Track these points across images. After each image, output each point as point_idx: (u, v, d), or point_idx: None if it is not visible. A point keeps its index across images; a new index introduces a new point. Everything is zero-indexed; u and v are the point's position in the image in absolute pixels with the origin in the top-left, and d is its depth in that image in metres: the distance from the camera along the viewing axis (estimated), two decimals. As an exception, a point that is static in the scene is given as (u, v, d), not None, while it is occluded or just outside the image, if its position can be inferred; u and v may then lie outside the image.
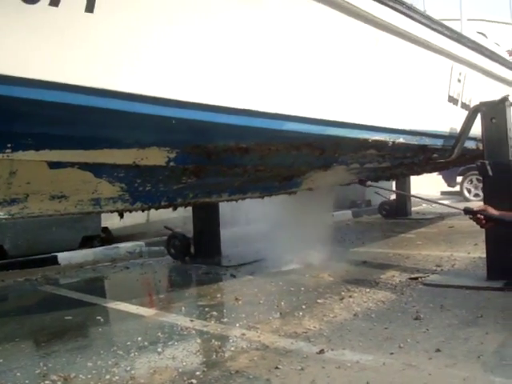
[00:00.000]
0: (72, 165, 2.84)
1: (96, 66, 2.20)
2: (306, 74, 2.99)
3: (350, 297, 4.26)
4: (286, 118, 2.87)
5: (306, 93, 3.01)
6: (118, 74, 2.27)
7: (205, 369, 2.95)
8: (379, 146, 3.77)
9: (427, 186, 15.75)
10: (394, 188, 10.57)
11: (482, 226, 3.53)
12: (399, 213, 10.01)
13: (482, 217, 3.46)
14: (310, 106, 3.03)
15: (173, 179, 3.43)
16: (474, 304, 3.87)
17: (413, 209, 10.56)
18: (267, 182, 4.26)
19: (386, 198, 10.64)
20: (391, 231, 8.34)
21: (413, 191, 11.21)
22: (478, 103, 4.68)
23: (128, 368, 3.01)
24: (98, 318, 4.11)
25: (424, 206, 12.17)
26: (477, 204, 3.79)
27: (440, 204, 4.21)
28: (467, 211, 3.58)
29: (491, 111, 4.50)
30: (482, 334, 3.22)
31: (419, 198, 4.58)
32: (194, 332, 3.63)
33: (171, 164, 3.09)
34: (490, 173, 4.37)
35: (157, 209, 3.98)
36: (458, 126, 4.72)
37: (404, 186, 9.99)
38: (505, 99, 4.47)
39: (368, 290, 4.46)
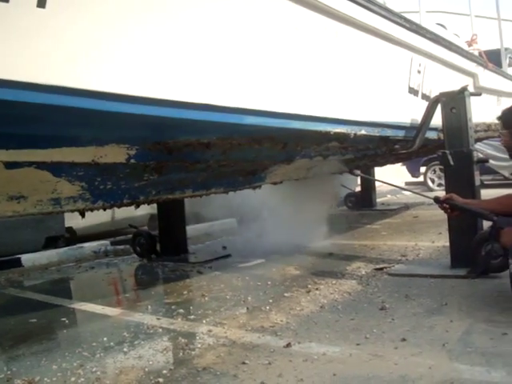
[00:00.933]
0: (29, 164, 2.78)
1: (50, 62, 2.14)
2: (266, 67, 2.97)
3: (317, 289, 4.28)
4: (247, 112, 2.85)
5: (266, 86, 2.99)
6: (74, 70, 2.22)
7: (171, 367, 2.94)
8: (341, 138, 3.78)
9: (392, 177, 15.95)
10: (358, 181, 10.68)
11: (448, 215, 3.59)
12: (364, 204, 10.08)
13: (448, 205, 3.51)
14: (270, 99, 3.01)
15: (134, 176, 3.39)
16: (438, 292, 3.92)
17: (378, 200, 10.66)
18: (231, 177, 4.24)
19: (351, 190, 10.72)
20: (357, 222, 8.40)
21: (378, 182, 11.32)
22: (438, 94, 4.73)
23: (94, 369, 2.97)
24: (63, 319, 4.06)
25: (389, 197, 12.31)
26: (441, 194, 3.83)
27: (416, 193, 4.29)
28: (437, 200, 3.65)
29: (451, 101, 4.55)
30: (447, 322, 3.26)
31: (399, 187, 4.63)
32: (160, 330, 3.60)
33: (132, 161, 3.05)
34: (451, 162, 4.43)
35: (119, 207, 3.93)
36: (418, 117, 4.77)
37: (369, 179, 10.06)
38: (464, 89, 4.53)
39: (334, 281, 4.49)
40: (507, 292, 3.71)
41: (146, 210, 7.49)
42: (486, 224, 3.97)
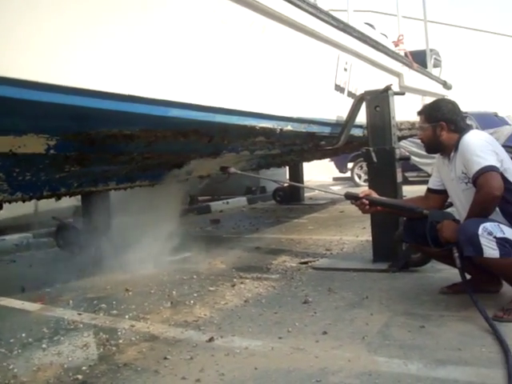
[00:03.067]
0: None
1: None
2: (191, 60, 2.94)
3: (242, 283, 4.29)
4: (172, 105, 2.81)
5: (191, 79, 2.96)
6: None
7: (91, 363, 2.87)
8: (267, 133, 3.80)
9: (320, 173, 16.25)
10: (287, 176, 10.78)
11: (364, 211, 3.65)
12: (293, 198, 10.19)
13: (367, 202, 3.57)
14: (196, 92, 2.99)
15: (55, 168, 3.29)
16: (360, 286, 4.01)
17: (306, 194, 10.79)
18: (156, 169, 4.19)
19: (280, 185, 10.82)
20: (285, 217, 8.47)
21: (306, 177, 11.49)
22: (363, 92, 4.83)
23: (10, 367, 2.87)
24: (-21, 315, 3.90)
25: (317, 192, 12.47)
26: (366, 189, 3.89)
27: (320, 190, 4.32)
28: (349, 196, 3.69)
29: (375, 100, 4.65)
30: (367, 315, 3.34)
31: (294, 184, 4.67)
32: (81, 326, 3.52)
33: (51, 152, 2.95)
34: (375, 159, 4.53)
35: (39, 199, 3.82)
36: (344, 114, 4.85)
37: (297, 173, 10.20)
38: (388, 88, 4.63)
39: (259, 275, 4.51)
40: (426, 285, 3.86)
41: (72, 201, 7.29)
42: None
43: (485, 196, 3.06)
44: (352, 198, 3.67)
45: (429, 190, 3.69)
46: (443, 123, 3.41)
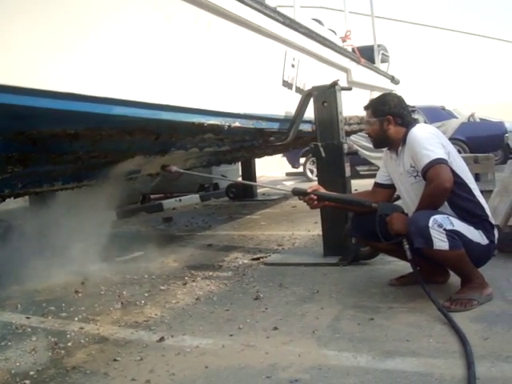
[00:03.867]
0: None
1: None
2: (136, 58, 2.89)
3: (193, 281, 4.27)
4: (116, 102, 2.76)
5: (136, 76, 2.91)
6: None
7: (39, 368, 2.81)
8: (216, 129, 3.78)
9: (273, 168, 16.32)
10: (240, 171, 10.78)
11: (312, 206, 3.66)
12: (246, 195, 10.20)
13: (316, 197, 3.59)
14: (141, 89, 2.94)
15: (-3, 169, 3.20)
16: (311, 280, 4.04)
17: (259, 190, 10.82)
18: (103, 168, 4.12)
19: (232, 181, 10.82)
20: (237, 213, 8.47)
21: (259, 173, 11.52)
22: (311, 87, 4.86)
23: (-44, 375, 2.79)
24: None
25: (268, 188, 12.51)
26: (314, 184, 3.91)
27: (267, 187, 4.33)
28: (296, 192, 3.70)
29: (323, 95, 4.68)
30: (318, 309, 3.37)
31: (241, 182, 4.65)
32: (29, 330, 3.43)
33: (-9, 152, 2.88)
34: (323, 154, 4.56)
35: (-19, 201, 3.70)
36: (293, 110, 4.86)
37: (249, 169, 10.20)
38: (335, 84, 4.67)
39: (211, 273, 4.50)
40: (376, 278, 3.91)
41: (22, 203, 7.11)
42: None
43: (436, 188, 3.10)
44: (300, 193, 3.67)
45: (376, 184, 3.74)
46: (390, 117, 3.44)
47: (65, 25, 2.44)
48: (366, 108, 3.64)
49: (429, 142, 3.21)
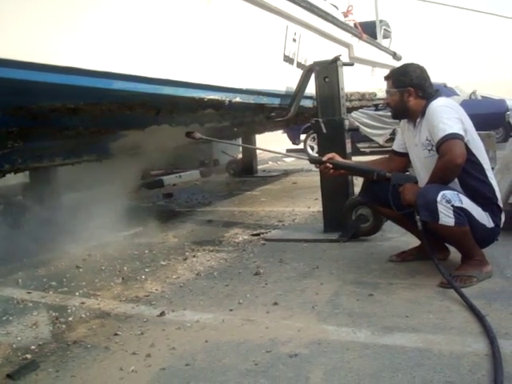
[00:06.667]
0: None
1: None
2: (136, 32, 2.86)
3: (194, 256, 4.29)
4: (116, 77, 2.73)
5: (137, 50, 2.87)
6: None
7: (40, 342, 2.84)
8: (216, 105, 3.75)
9: (273, 144, 16.27)
10: (240, 147, 10.74)
11: (328, 175, 3.64)
12: (246, 171, 10.17)
13: (331, 165, 3.57)
14: (141, 64, 2.90)
15: (-4, 144, 3.19)
16: (310, 256, 4.05)
17: (259, 167, 10.80)
18: (103, 143, 4.10)
19: (233, 157, 10.79)
20: (238, 189, 8.47)
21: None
22: (312, 63, 4.82)
23: (-42, 349, 2.81)
24: None
25: (270, 164, 12.53)
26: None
27: (288, 155, 4.32)
28: (313, 160, 3.70)
29: (324, 71, 4.65)
30: (318, 284, 3.38)
31: (266, 150, 4.63)
32: (31, 305, 3.46)
33: (-8, 127, 2.86)
34: (324, 130, 4.54)
35: (-19, 176, 3.70)
36: (294, 85, 4.82)
37: (250, 145, 10.16)
38: (336, 59, 4.63)
39: (212, 248, 4.52)
40: (375, 254, 3.92)
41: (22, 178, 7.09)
42: (356, 191, 4.12)
43: (447, 163, 3.07)
44: (316, 161, 3.67)
45: (393, 151, 3.70)
46: (411, 89, 3.36)
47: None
48: (386, 78, 3.53)
49: (447, 116, 3.15)
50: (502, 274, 3.27)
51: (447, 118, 3.14)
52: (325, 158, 3.58)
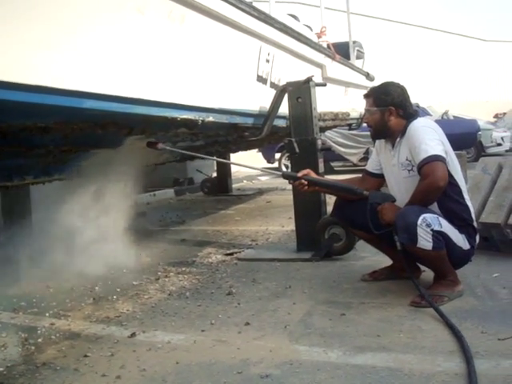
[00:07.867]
0: None
1: None
2: (108, 51, 2.85)
3: (166, 276, 4.25)
4: (86, 96, 2.72)
5: (109, 70, 2.87)
6: None
7: (9, 364, 2.77)
8: (189, 124, 3.75)
9: (249, 163, 16.30)
10: (215, 166, 10.73)
11: (303, 191, 3.62)
12: (221, 190, 10.15)
13: (306, 182, 3.56)
14: (113, 83, 2.90)
15: (-35, 162, 3.14)
16: (283, 276, 4.05)
17: (234, 185, 10.79)
18: (75, 162, 4.07)
19: (207, 176, 10.78)
20: (212, 208, 8.44)
21: (234, 168, 11.47)
22: (285, 83, 4.85)
23: None
24: None
25: (245, 183, 12.53)
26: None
27: (263, 171, 4.33)
28: (287, 176, 3.70)
29: (297, 91, 4.69)
30: (290, 304, 3.38)
31: (241, 165, 4.62)
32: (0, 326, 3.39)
33: (-40, 146, 2.82)
34: (297, 150, 4.57)
35: (-49, 195, 3.63)
36: (267, 105, 4.85)
37: (224, 164, 10.15)
38: (309, 79, 4.68)
39: (184, 268, 4.48)
40: (348, 273, 3.94)
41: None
42: (329, 210, 4.14)
43: (429, 185, 3.07)
44: (290, 177, 3.66)
45: (366, 172, 3.71)
46: (392, 108, 3.36)
47: (33, 17, 2.39)
48: (366, 96, 3.53)
49: (429, 137, 3.16)
50: (472, 292, 3.31)
51: (429, 139, 3.15)
52: (300, 174, 3.58)
